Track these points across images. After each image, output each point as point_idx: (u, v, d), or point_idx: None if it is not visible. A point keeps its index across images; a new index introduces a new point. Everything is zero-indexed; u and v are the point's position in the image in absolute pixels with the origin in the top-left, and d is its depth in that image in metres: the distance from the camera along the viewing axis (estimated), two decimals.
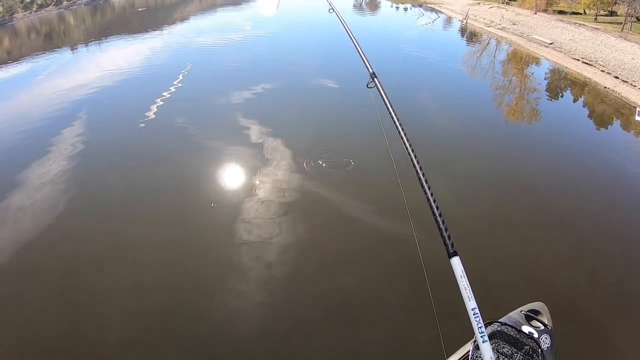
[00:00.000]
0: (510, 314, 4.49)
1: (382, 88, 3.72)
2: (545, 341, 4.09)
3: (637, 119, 12.96)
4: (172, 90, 15.23)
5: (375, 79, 3.85)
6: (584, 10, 27.45)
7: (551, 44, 20.96)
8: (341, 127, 12.02)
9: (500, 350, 3.73)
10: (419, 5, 36.07)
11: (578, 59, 18.61)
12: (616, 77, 16.08)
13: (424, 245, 4.42)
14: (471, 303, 2.34)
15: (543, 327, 4.30)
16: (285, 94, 14.85)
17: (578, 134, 12.66)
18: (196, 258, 7.21)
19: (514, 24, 25.51)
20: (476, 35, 25.51)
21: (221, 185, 9.49)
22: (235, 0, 42.32)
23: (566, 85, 17.20)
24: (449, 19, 30.44)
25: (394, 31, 27.09)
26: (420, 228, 4.56)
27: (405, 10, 35.74)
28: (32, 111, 14.30)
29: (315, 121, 12.44)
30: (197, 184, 9.37)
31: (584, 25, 23.28)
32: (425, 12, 33.21)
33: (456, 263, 2.45)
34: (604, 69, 17.05)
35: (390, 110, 3.44)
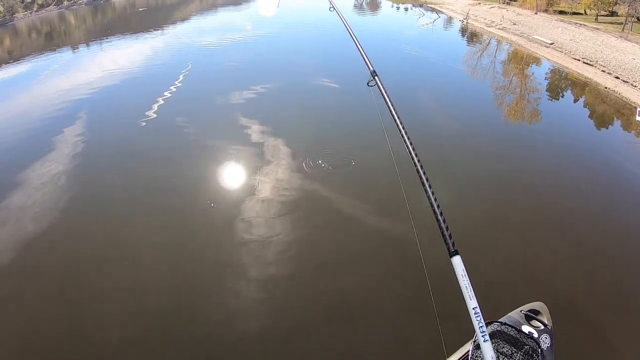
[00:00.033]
0: (510, 313, 4.50)
1: (383, 86, 3.68)
2: (545, 341, 4.10)
3: (638, 119, 12.95)
4: (173, 90, 15.23)
5: (375, 77, 3.81)
6: (585, 11, 27.43)
7: (552, 44, 20.95)
8: (342, 127, 12.02)
9: (500, 350, 3.73)
10: (420, 6, 36.04)
11: (579, 59, 18.59)
12: (617, 78, 16.07)
13: (425, 245, 4.41)
14: (472, 302, 2.33)
15: (543, 327, 4.31)
16: (286, 94, 14.85)
17: (578, 134, 12.65)
18: (196, 258, 7.20)
19: (514, 24, 25.49)
20: (477, 35, 25.48)
21: (221, 185, 9.48)
22: (236, 0, 42.31)
23: (567, 86, 17.18)
24: (450, 19, 30.42)
25: (395, 31, 27.06)
26: (421, 228, 4.56)
27: (405, 10, 35.70)
28: (33, 111, 14.31)
29: (315, 121, 12.43)
30: (197, 184, 9.37)
31: (584, 25, 23.27)
32: (426, 12, 33.19)
33: (457, 262, 2.43)
34: (604, 69, 17.03)
35: (390, 108, 3.42)
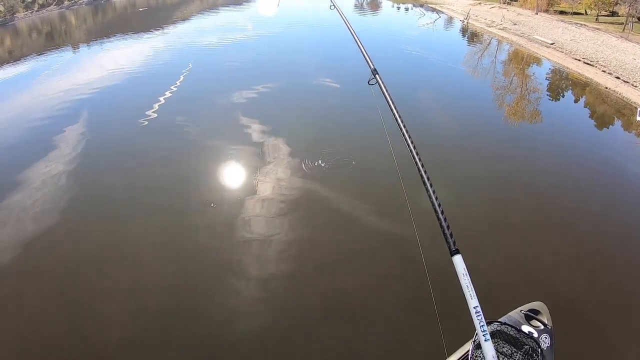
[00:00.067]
0: (510, 313, 4.49)
1: (384, 84, 3.64)
2: (545, 341, 4.09)
3: (638, 119, 12.94)
4: (174, 90, 15.24)
5: (376, 75, 3.76)
6: (585, 11, 27.41)
7: (552, 44, 20.93)
8: (342, 127, 12.02)
9: (500, 350, 3.72)
10: (420, 6, 36.04)
11: (579, 60, 18.58)
12: (617, 78, 16.06)
13: (425, 244, 4.42)
14: (473, 301, 2.31)
15: (543, 327, 4.30)
16: (286, 94, 14.85)
17: (579, 134, 12.64)
18: (196, 258, 7.21)
19: (515, 24, 25.48)
20: (477, 35, 25.47)
21: (221, 185, 9.49)
22: (237, 0, 42.32)
23: (567, 86, 17.17)
24: (450, 19, 30.40)
25: (395, 31, 27.05)
26: (421, 228, 4.56)
27: (406, 10, 35.69)
28: (34, 111, 14.32)
29: (316, 121, 12.44)
30: (197, 184, 9.38)
31: (585, 25, 23.25)
32: (426, 12, 33.17)
33: (458, 261, 2.41)
34: (605, 69, 17.02)
35: (391, 106, 3.39)
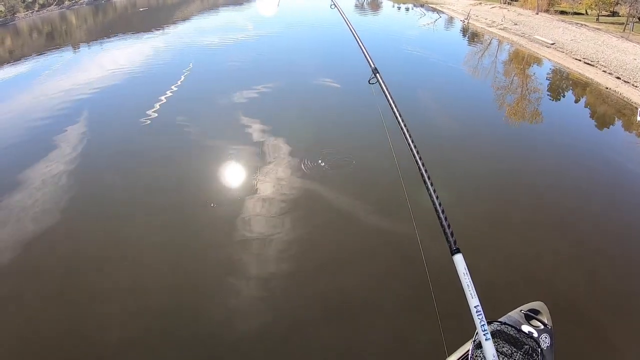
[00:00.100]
0: (510, 313, 4.49)
1: (384, 83, 3.63)
2: (545, 340, 4.09)
3: (639, 119, 12.93)
4: (174, 90, 15.24)
5: (377, 74, 3.76)
6: (586, 11, 27.40)
7: (553, 44, 20.92)
8: (342, 127, 12.02)
9: (500, 350, 3.72)
10: (421, 6, 36.05)
11: (580, 60, 18.57)
12: (618, 78, 16.06)
13: (426, 244, 4.42)
14: (474, 301, 2.30)
15: (543, 327, 4.30)
16: (287, 94, 14.85)
17: (579, 134, 12.64)
18: (196, 258, 7.21)
19: (515, 24, 25.47)
20: (478, 35, 25.47)
21: (221, 185, 9.49)
22: (237, 0, 42.33)
23: (568, 86, 17.16)
24: (451, 19, 30.40)
25: (396, 31, 27.05)
26: (422, 227, 4.56)
27: (406, 10, 35.70)
28: (34, 110, 14.32)
29: (316, 121, 12.44)
30: (198, 184, 9.38)
31: (585, 25, 23.24)
32: (427, 12, 33.18)
33: (459, 260, 2.40)
34: (605, 69, 17.01)
35: (392, 105, 3.39)
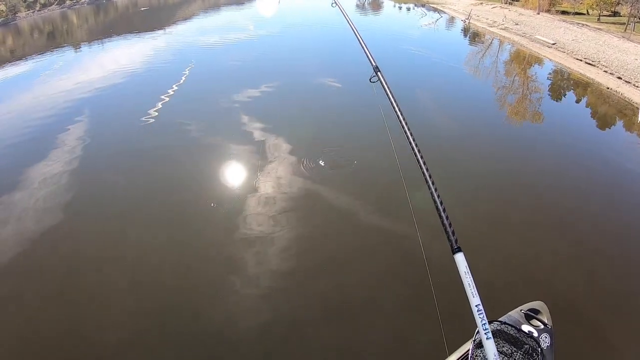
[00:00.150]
0: (510, 313, 4.50)
1: (386, 82, 3.61)
2: (544, 340, 4.10)
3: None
4: (175, 89, 15.27)
5: (378, 73, 3.74)
6: (587, 11, 27.34)
7: (554, 44, 20.90)
8: (343, 126, 12.02)
9: (500, 349, 3.74)
10: (422, 5, 36.01)
11: (581, 60, 18.54)
12: (619, 78, 16.03)
13: (426, 243, 4.44)
14: (475, 299, 2.29)
15: (543, 326, 4.31)
16: (288, 93, 14.86)
17: (580, 134, 12.62)
18: (195, 258, 7.22)
19: (516, 24, 25.44)
20: (479, 35, 25.44)
21: (222, 184, 9.49)
22: (238, 0, 42.34)
23: (569, 86, 17.14)
24: (452, 19, 30.37)
25: (397, 31, 27.02)
26: (422, 226, 4.58)
27: (408, 10, 35.66)
28: (35, 110, 14.35)
29: (317, 120, 12.44)
30: (198, 183, 9.39)
31: (586, 25, 23.20)
32: (428, 12, 33.14)
33: (460, 259, 2.39)
34: (606, 69, 16.98)
35: (393, 103, 3.38)
